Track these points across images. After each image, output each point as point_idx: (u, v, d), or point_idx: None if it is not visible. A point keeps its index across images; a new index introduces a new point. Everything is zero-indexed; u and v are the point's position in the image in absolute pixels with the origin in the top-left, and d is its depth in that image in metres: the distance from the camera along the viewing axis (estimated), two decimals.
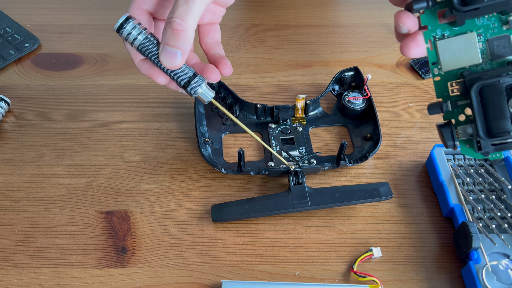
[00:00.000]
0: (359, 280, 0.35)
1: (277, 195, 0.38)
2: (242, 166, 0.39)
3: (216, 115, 0.45)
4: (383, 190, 0.37)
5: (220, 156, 0.42)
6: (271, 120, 0.45)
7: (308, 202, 0.37)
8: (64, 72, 0.51)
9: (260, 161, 0.42)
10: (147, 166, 0.42)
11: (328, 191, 0.38)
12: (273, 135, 0.43)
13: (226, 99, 0.45)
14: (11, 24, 0.55)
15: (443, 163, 0.40)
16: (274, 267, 0.36)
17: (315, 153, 0.41)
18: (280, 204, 0.37)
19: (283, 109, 0.44)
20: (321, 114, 0.46)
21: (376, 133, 0.42)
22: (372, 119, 0.43)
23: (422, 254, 0.37)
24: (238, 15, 0.58)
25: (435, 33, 0.29)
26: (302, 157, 0.41)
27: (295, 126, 0.44)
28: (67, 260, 0.36)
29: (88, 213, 0.39)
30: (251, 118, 0.45)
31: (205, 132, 0.43)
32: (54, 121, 0.46)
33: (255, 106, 0.44)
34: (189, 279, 0.35)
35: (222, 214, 0.37)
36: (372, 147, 0.41)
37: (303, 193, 0.37)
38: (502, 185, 0.38)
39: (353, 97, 0.44)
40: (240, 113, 0.45)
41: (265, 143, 0.40)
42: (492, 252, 0.35)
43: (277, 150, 0.42)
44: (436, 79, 0.29)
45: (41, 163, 0.43)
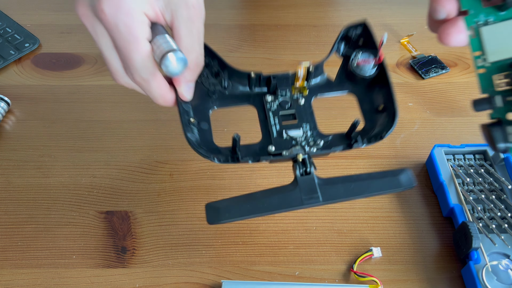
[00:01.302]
0: (359, 280, 0.35)
1: (281, 189, 0.31)
2: (239, 156, 0.33)
3: (200, 86, 0.36)
4: (403, 178, 0.31)
5: (209, 139, 0.34)
6: (267, 91, 0.37)
7: (319, 196, 0.30)
8: (64, 72, 0.51)
9: (257, 144, 0.35)
10: (147, 166, 0.42)
11: (341, 182, 0.31)
12: (271, 111, 0.35)
13: (210, 66, 0.36)
14: (11, 24, 0.55)
15: (443, 163, 0.40)
16: (274, 267, 0.36)
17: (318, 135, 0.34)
18: (286, 201, 0.31)
19: (282, 78, 0.37)
20: (324, 82, 0.37)
21: (391, 105, 0.34)
22: (386, 87, 0.34)
23: (422, 254, 0.37)
24: (238, 15, 0.58)
25: (477, 18, 0.25)
26: (307, 139, 0.34)
27: (296, 98, 0.36)
28: (67, 260, 0.36)
29: (88, 213, 0.39)
30: (242, 89, 0.36)
31: (189, 110, 0.34)
32: (54, 121, 0.46)
33: (248, 76, 0.36)
34: (189, 279, 0.35)
35: (219, 216, 0.30)
36: (387, 123, 0.34)
37: (313, 186, 0.31)
38: (502, 185, 0.38)
39: (362, 61, 0.36)
40: (229, 82, 0.36)
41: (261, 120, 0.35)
42: (492, 252, 0.35)
43: (277, 131, 0.35)
44: (481, 72, 0.26)
45: (41, 163, 0.43)
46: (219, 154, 0.33)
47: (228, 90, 0.36)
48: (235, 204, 0.31)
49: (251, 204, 0.31)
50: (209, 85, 0.36)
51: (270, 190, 0.31)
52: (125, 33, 0.27)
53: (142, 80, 0.30)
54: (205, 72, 0.36)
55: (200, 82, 0.36)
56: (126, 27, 0.27)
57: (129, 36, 0.27)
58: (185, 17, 0.28)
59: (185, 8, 0.28)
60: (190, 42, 0.29)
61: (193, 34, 0.29)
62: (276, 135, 0.34)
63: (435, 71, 0.50)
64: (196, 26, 0.29)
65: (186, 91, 0.32)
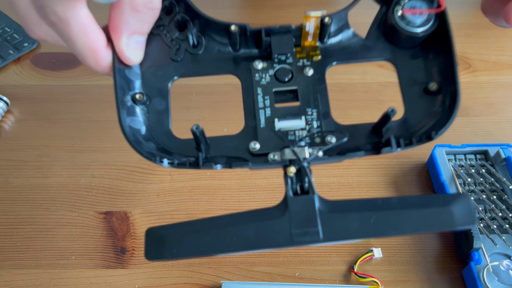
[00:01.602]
0: (359, 281, 0.35)
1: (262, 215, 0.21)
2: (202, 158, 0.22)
3: (159, 43, 0.25)
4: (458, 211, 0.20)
5: (166, 126, 0.24)
6: (258, 54, 0.25)
7: (319, 231, 0.20)
8: (63, 71, 0.51)
9: (238, 135, 0.24)
10: (147, 166, 0.42)
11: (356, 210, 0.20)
12: (260, 85, 0.24)
13: (175, 13, 0.25)
14: (10, 24, 0.55)
15: (444, 163, 0.39)
16: (274, 267, 0.36)
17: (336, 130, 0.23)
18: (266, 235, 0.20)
19: (280, 34, 0.24)
20: (349, 40, 0.25)
21: (451, 82, 0.22)
22: (445, 53, 0.23)
23: (422, 254, 0.37)
24: (237, 15, 0.58)
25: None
26: (311, 134, 0.23)
27: (301, 66, 0.24)
28: (66, 261, 0.36)
29: (87, 213, 0.39)
30: (222, 50, 0.25)
31: (134, 80, 0.24)
32: (53, 121, 0.46)
33: (226, 29, 0.24)
34: (188, 279, 0.35)
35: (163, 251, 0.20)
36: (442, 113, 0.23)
37: (311, 214, 0.20)
38: (503, 185, 0.38)
39: (411, 10, 0.24)
40: (201, 39, 0.25)
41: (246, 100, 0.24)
42: (493, 253, 0.34)
43: (267, 118, 0.23)
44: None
45: (40, 163, 0.42)
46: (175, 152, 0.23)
47: (200, 50, 0.25)
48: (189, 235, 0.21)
49: (213, 237, 0.21)
50: (171, 41, 0.25)
51: (246, 215, 0.21)
52: None
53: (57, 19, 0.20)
54: (167, 21, 0.24)
55: (157, 35, 0.24)
56: None
57: None
58: None
59: None
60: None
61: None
62: (264, 125, 0.23)
63: None
64: None
65: (129, 48, 0.22)
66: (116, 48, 0.22)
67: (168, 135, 0.24)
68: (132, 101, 0.23)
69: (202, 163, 0.22)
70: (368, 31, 0.25)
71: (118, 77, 0.23)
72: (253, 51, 0.25)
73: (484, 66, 0.51)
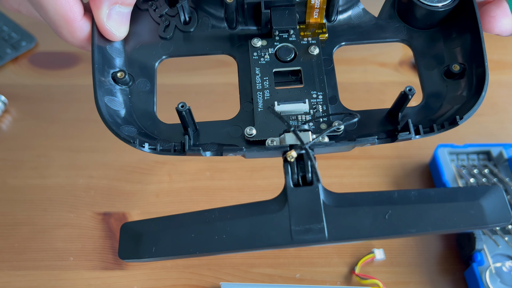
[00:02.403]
0: (361, 283, 0.35)
1: (258, 209, 0.18)
2: (188, 141, 0.20)
3: (147, 18, 0.23)
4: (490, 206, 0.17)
5: (149, 108, 0.22)
6: (257, 31, 0.23)
7: (324, 229, 0.17)
8: (61, 71, 0.50)
9: (230, 121, 0.22)
10: (145, 166, 0.42)
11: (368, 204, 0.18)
12: (258, 64, 0.22)
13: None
14: (7, 23, 0.54)
15: (447, 164, 0.39)
16: (275, 269, 0.36)
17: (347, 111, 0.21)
18: (261, 233, 0.17)
19: (282, 9, 0.22)
20: (359, 18, 0.24)
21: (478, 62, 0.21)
22: (469, 32, 0.21)
23: (425, 256, 0.36)
24: None
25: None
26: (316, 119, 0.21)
27: (306, 45, 0.22)
28: (64, 262, 0.36)
29: (85, 214, 0.39)
30: (217, 26, 0.23)
31: (116, 57, 0.22)
32: (51, 120, 0.45)
33: (221, 1, 0.22)
34: (187, 281, 0.35)
35: (139, 249, 0.18)
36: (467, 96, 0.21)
37: (314, 208, 0.18)
38: (506, 186, 0.38)
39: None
40: (195, 14, 0.23)
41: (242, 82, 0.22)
42: (496, 254, 0.34)
43: (265, 100, 0.21)
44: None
45: (38, 164, 0.42)
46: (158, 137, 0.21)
47: (192, 27, 0.23)
48: (171, 231, 0.18)
49: (199, 235, 0.17)
50: (159, 18, 0.23)
51: (239, 209, 0.18)
52: None
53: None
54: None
55: (145, 10, 0.22)
56: None
57: None
58: None
59: None
60: None
61: None
62: (262, 108, 0.21)
63: None
64: None
65: (111, 20, 0.20)
66: (95, 19, 0.19)
67: (153, 119, 0.21)
68: (113, 80, 0.21)
69: (188, 148, 0.19)
70: (381, 9, 0.23)
71: (96, 52, 0.20)
72: (251, 28, 0.23)
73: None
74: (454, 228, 0.17)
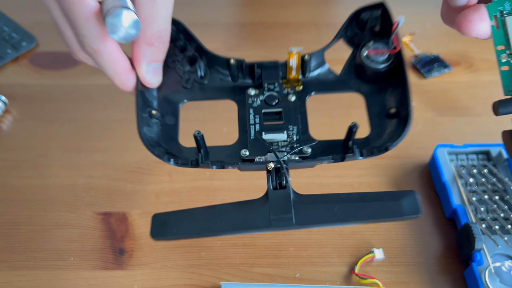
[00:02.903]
0: (360, 282, 0.35)
1: (248, 205, 0.26)
2: (201, 158, 0.27)
3: (173, 74, 0.30)
4: (406, 204, 0.24)
5: (174, 136, 0.29)
6: (252, 84, 0.31)
7: (292, 218, 0.24)
8: (61, 71, 0.50)
9: (232, 146, 0.29)
10: (146, 166, 0.42)
11: (323, 202, 0.25)
12: (252, 107, 0.29)
13: (187, 51, 0.31)
14: (8, 23, 0.54)
15: (446, 164, 0.39)
16: (275, 269, 0.36)
17: (310, 139, 0.28)
18: (250, 220, 0.25)
19: (269, 68, 0.31)
20: (326, 75, 0.31)
21: (405, 107, 0.27)
22: (401, 85, 0.28)
23: (424, 255, 0.36)
24: (237, 13, 0.58)
25: (502, 7, 0.22)
26: (291, 145, 0.28)
27: (286, 94, 0.30)
28: (64, 262, 0.36)
29: (85, 214, 0.39)
30: (224, 79, 0.31)
31: (152, 100, 0.29)
32: (51, 120, 0.46)
33: (226, 62, 0.30)
34: (188, 281, 0.35)
35: (165, 231, 0.25)
36: (397, 130, 0.27)
37: (286, 203, 0.25)
38: (506, 185, 0.38)
39: (374, 51, 0.29)
40: (208, 71, 0.31)
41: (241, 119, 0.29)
42: (495, 254, 0.34)
43: (256, 131, 0.28)
44: (504, 69, 0.23)
45: (38, 163, 0.42)
46: (179, 155, 0.28)
47: (206, 80, 0.31)
48: (186, 219, 0.26)
49: (206, 221, 0.25)
50: (183, 73, 0.31)
51: (234, 204, 0.26)
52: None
53: (92, 51, 0.25)
54: (180, 57, 0.30)
55: (172, 68, 0.30)
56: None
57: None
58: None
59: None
60: (151, 13, 0.25)
61: (156, 3, 0.24)
62: (253, 137, 0.28)
63: (438, 70, 0.50)
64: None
65: (148, 73, 0.27)
66: (137, 73, 0.27)
67: (176, 144, 0.29)
68: (149, 116, 0.29)
69: (201, 161, 0.27)
70: (342, 69, 0.31)
71: (139, 96, 0.28)
72: (248, 81, 0.31)
73: (486, 66, 0.51)
74: (381, 218, 0.24)
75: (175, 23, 0.30)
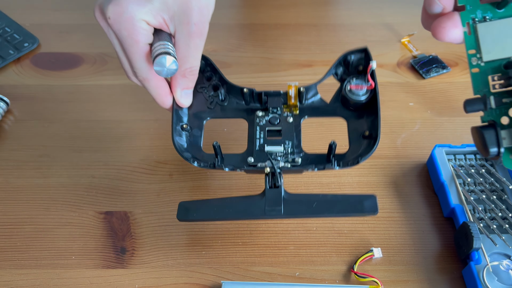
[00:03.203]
0: (359, 281, 0.35)
1: (250, 198, 0.33)
2: (217, 161, 0.35)
3: (201, 97, 0.39)
4: (367, 204, 0.32)
5: (199, 145, 0.37)
6: (260, 107, 0.39)
7: (281, 209, 0.32)
8: (63, 71, 0.51)
9: (242, 154, 0.37)
10: (147, 166, 0.42)
11: (305, 200, 0.33)
12: (259, 125, 0.38)
13: (212, 80, 0.40)
14: (10, 24, 0.55)
15: (444, 163, 0.39)
16: (274, 267, 0.36)
17: (299, 152, 0.36)
18: (250, 209, 0.33)
19: (273, 96, 0.38)
20: (318, 103, 0.39)
21: (375, 131, 0.35)
22: (374, 114, 0.36)
23: (423, 254, 0.37)
24: (238, 14, 0.58)
25: (474, 15, 0.24)
26: (286, 155, 0.36)
27: (286, 116, 0.38)
28: (66, 261, 0.36)
29: (87, 213, 0.39)
30: (239, 103, 0.39)
31: (183, 116, 0.38)
32: (53, 121, 0.46)
33: (241, 91, 0.39)
34: (188, 279, 0.35)
35: (188, 215, 0.33)
36: (368, 148, 0.35)
37: (278, 199, 0.33)
38: (503, 185, 0.38)
39: (355, 86, 0.37)
40: (227, 96, 0.39)
41: (250, 134, 0.38)
42: (493, 253, 0.34)
43: (260, 144, 0.37)
44: (474, 71, 0.25)
45: (40, 163, 0.42)
46: (201, 159, 0.36)
47: (225, 103, 0.39)
48: (203, 206, 0.34)
49: (218, 208, 0.33)
50: (208, 97, 0.39)
51: (240, 198, 0.34)
52: (126, 37, 0.31)
53: (142, 79, 0.34)
54: (206, 84, 0.39)
55: (201, 93, 0.39)
56: (127, 32, 0.31)
57: (129, 39, 0.31)
58: (185, 33, 0.32)
59: (186, 25, 0.31)
60: (186, 54, 0.33)
61: (190, 47, 0.32)
62: (257, 148, 0.37)
63: (436, 71, 0.50)
64: (194, 42, 0.32)
65: (182, 97, 0.35)
66: (174, 95, 0.35)
67: (199, 151, 0.37)
68: (181, 128, 0.37)
69: (217, 164, 0.35)
70: (331, 99, 0.39)
71: (174, 114, 0.36)
72: (257, 105, 0.39)
73: None
74: (347, 213, 0.32)
75: (205, 58, 0.39)
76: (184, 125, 0.37)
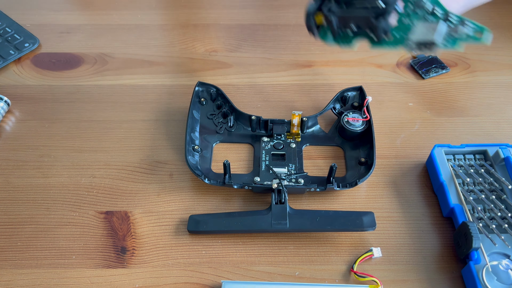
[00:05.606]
0: (359, 280, 0.35)
1: (257, 213, 0.37)
2: (226, 179, 0.38)
3: (211, 123, 0.44)
4: (366, 220, 0.36)
5: (208, 165, 0.41)
6: (265, 133, 0.43)
7: (287, 223, 0.36)
8: (63, 72, 0.51)
9: (247, 174, 0.41)
10: (147, 166, 0.42)
11: (309, 215, 0.36)
12: (264, 149, 0.42)
13: (222, 108, 0.44)
14: (10, 24, 0.55)
15: (443, 163, 0.40)
16: (274, 267, 0.36)
17: (302, 172, 0.40)
18: (257, 223, 0.36)
19: (278, 124, 0.43)
20: (318, 132, 0.44)
21: (371, 158, 0.40)
22: (369, 143, 0.41)
23: (422, 254, 0.37)
24: (237, 15, 0.58)
25: None
26: (290, 176, 0.40)
27: (289, 142, 0.42)
28: (66, 260, 0.36)
29: (87, 213, 0.39)
30: (245, 129, 0.44)
31: (195, 139, 0.42)
32: (53, 121, 0.46)
33: (249, 118, 0.43)
34: (189, 279, 0.35)
35: (198, 226, 0.37)
36: (365, 173, 0.39)
37: (283, 214, 0.36)
38: (502, 185, 0.38)
39: (352, 118, 0.42)
40: (235, 123, 0.44)
41: (255, 157, 0.42)
42: (492, 252, 0.35)
43: (266, 165, 0.41)
44: None
45: (41, 163, 0.42)
46: (211, 177, 0.39)
47: (233, 129, 0.44)
48: (213, 219, 0.37)
49: (227, 221, 0.37)
50: (218, 123, 0.44)
51: (248, 212, 0.37)
52: None
53: None
54: (217, 112, 0.44)
55: (211, 119, 0.44)
56: None
57: None
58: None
59: None
60: None
61: None
62: (264, 169, 0.40)
63: (435, 71, 0.50)
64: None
65: None
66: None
67: (209, 170, 0.41)
68: (193, 149, 0.41)
69: (227, 181, 0.39)
70: (329, 129, 0.44)
71: (187, 136, 0.41)
72: (262, 131, 0.44)
73: (483, 66, 0.51)
74: (348, 227, 0.36)
75: (216, 88, 0.44)
76: (196, 147, 0.41)
